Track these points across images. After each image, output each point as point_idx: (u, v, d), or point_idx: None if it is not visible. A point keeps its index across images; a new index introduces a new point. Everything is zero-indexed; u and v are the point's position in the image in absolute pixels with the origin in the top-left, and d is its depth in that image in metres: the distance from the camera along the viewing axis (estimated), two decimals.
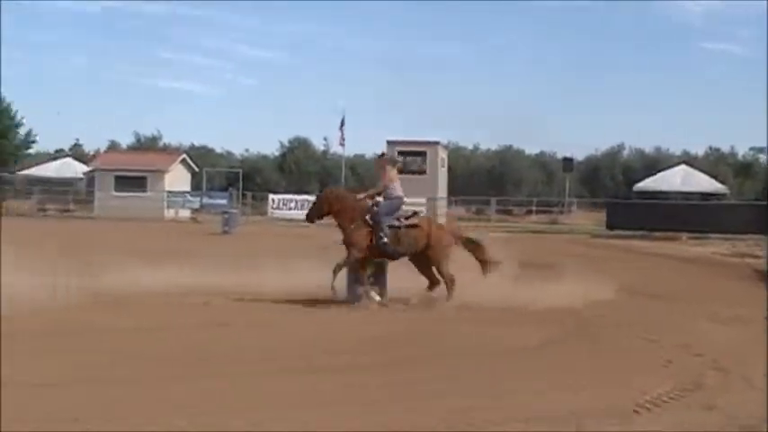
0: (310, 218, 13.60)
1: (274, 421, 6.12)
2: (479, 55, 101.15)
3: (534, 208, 49.92)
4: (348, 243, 12.87)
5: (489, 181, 60.07)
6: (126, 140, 69.63)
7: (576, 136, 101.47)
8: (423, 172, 42.18)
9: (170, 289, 12.86)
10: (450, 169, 48.26)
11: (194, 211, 46.10)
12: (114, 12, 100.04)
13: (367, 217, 12.86)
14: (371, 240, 12.71)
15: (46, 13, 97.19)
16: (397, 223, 12.86)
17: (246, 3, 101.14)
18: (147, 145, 65.48)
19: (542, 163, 65.73)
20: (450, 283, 12.71)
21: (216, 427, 5.98)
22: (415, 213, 13.39)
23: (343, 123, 46.70)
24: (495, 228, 35.49)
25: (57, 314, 10.73)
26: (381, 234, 12.67)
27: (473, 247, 13.29)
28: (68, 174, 53.51)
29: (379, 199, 13.13)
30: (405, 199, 13.24)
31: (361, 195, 13.41)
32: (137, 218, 40.01)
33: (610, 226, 36.21)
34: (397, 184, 13.20)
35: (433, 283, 12.91)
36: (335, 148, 57.32)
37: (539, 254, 19.95)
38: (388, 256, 12.93)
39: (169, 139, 69.29)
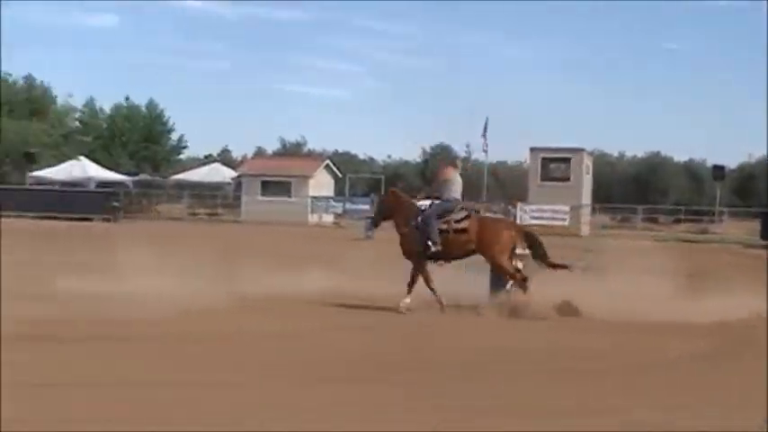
0: (375, 222, 13.85)
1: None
2: (624, 61, 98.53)
3: (682, 217, 48.45)
4: (402, 249, 12.87)
5: (635, 189, 58.60)
6: (272, 146, 71.27)
7: (727, 143, 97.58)
8: (567, 179, 41.40)
9: (315, 293, 12.96)
10: (594, 177, 47.34)
11: (337, 216, 46.77)
12: (251, 18, 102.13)
13: (418, 219, 12.70)
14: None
15: (189, 17, 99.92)
16: (445, 227, 12.57)
17: (391, 8, 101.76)
18: (291, 151, 66.83)
19: (691, 170, 63.70)
20: (514, 279, 12.46)
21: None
22: (468, 216, 12.85)
23: (485, 130, 46.42)
24: (641, 236, 34.57)
25: (206, 317, 10.92)
26: (428, 238, 12.49)
27: (532, 243, 12.83)
28: (217, 179, 55.00)
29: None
30: (459, 200, 13.03)
31: (418, 197, 13.56)
32: (282, 222, 40.80)
33: (765, 236, 34.79)
34: (454, 186, 13.02)
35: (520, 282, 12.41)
36: (478, 155, 57.03)
37: (693, 264, 19.22)
38: (442, 259, 12.74)
39: (313, 145, 70.61)
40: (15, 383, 6.70)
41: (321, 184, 48.83)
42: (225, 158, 66.60)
